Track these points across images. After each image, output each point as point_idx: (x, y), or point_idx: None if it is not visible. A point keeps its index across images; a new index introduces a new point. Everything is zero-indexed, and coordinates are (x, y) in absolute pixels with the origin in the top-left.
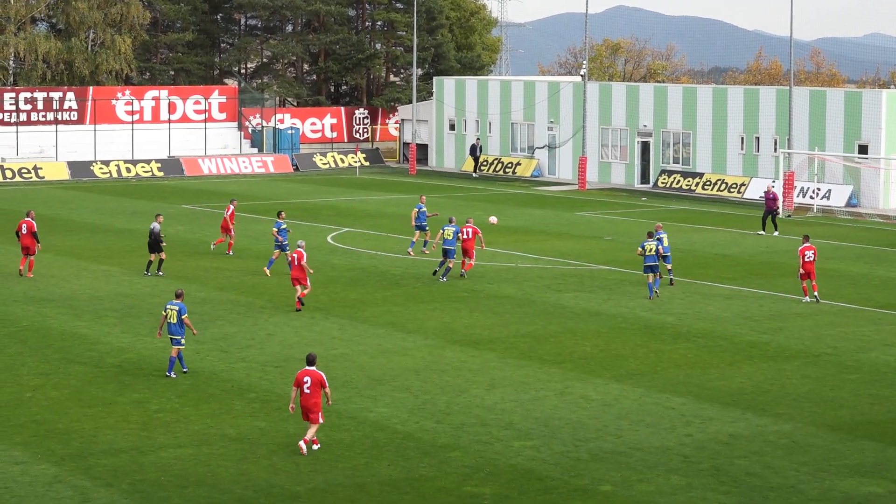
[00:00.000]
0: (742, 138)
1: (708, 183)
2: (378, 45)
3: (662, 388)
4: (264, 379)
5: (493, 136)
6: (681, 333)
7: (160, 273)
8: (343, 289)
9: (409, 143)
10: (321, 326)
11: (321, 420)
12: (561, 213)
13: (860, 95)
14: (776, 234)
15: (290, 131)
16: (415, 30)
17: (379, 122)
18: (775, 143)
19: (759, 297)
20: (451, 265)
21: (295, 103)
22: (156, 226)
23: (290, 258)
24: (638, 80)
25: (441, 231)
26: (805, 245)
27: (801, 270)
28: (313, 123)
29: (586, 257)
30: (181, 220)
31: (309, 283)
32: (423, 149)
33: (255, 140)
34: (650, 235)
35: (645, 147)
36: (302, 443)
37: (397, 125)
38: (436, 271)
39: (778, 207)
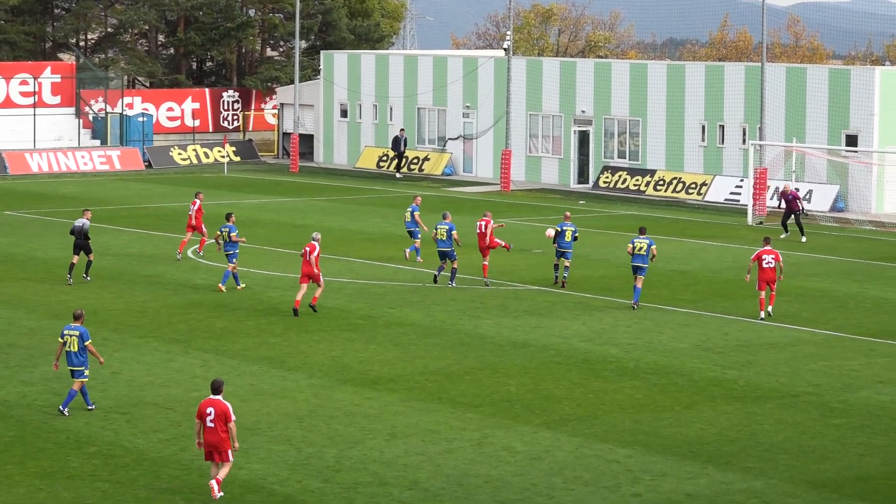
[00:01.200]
0: (703, 127)
1: (661, 182)
2: (251, 12)
3: (604, 437)
4: (108, 429)
5: (394, 124)
6: (627, 369)
7: (87, 278)
8: (207, 315)
9: (290, 134)
10: (180, 362)
11: (231, 458)
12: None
13: (848, 74)
14: (803, 239)
15: (140, 119)
16: None
17: (252, 107)
18: (744, 133)
19: (723, 324)
20: (455, 266)
21: (147, 84)
22: (84, 223)
23: (301, 251)
24: (575, 55)
25: (434, 231)
26: (764, 248)
27: (758, 279)
28: (170, 109)
29: (510, 275)
30: (4, 231)
31: (323, 281)
32: (307, 140)
33: (98, 130)
34: (642, 232)
35: (583, 138)
36: (214, 483)
37: (275, 111)
38: (436, 276)
39: (802, 207)
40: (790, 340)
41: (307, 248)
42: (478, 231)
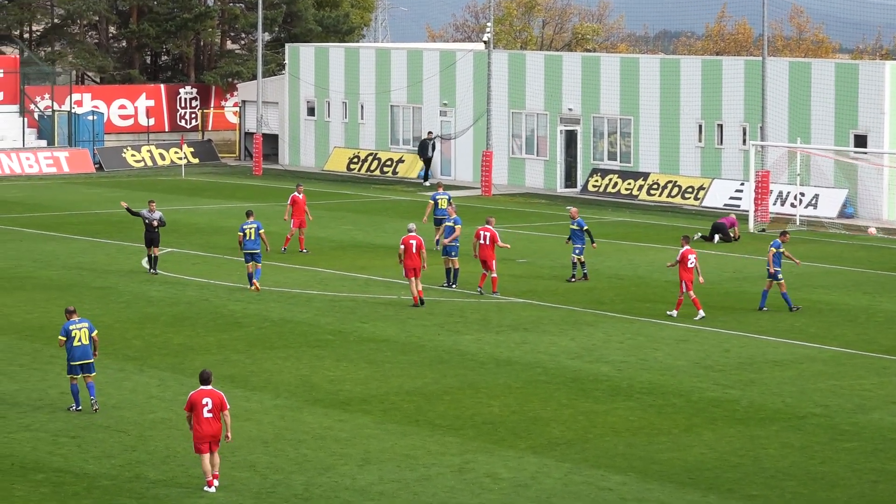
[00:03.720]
0: (700, 127)
1: (655, 186)
2: (210, 1)
3: (596, 463)
4: (56, 454)
5: (365, 123)
6: (620, 388)
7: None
8: (164, 330)
9: (252, 134)
10: (134, 381)
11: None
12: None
13: (856, 69)
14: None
15: (90, 118)
16: None
17: (212, 104)
18: (744, 133)
19: (723, 339)
20: (454, 266)
21: (97, 80)
22: (158, 214)
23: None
24: (561, 49)
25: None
26: (685, 248)
27: (682, 280)
28: (122, 107)
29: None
30: None
31: (426, 264)
32: (271, 141)
33: (44, 129)
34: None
35: (570, 138)
36: (214, 481)
37: (237, 109)
38: (444, 284)
39: (734, 235)
40: (796, 358)
41: (414, 242)
42: (479, 241)
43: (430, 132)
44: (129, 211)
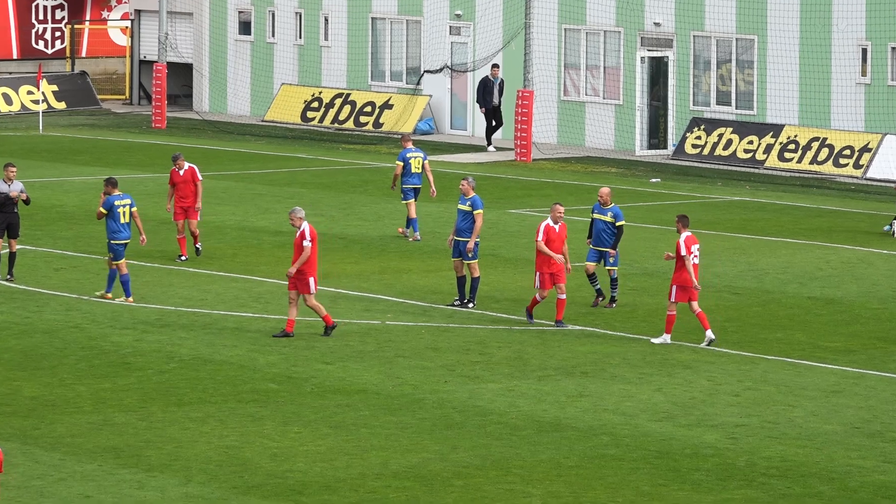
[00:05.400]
0: (864, 52)
1: (792, 146)
2: None
3: None
4: None
5: (331, 47)
6: (735, 469)
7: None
8: (8, 375)
9: (151, 63)
10: None
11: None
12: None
13: None
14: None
15: None
16: None
17: (87, 17)
18: None
19: None
20: (472, 273)
21: None
22: (20, 185)
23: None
24: None
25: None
26: (687, 235)
27: (675, 285)
28: None
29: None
30: None
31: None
32: (182, 73)
33: None
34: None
35: (657, 71)
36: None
37: (126, 23)
38: (456, 302)
39: None
40: None
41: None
42: (541, 238)
43: (494, 66)
44: None
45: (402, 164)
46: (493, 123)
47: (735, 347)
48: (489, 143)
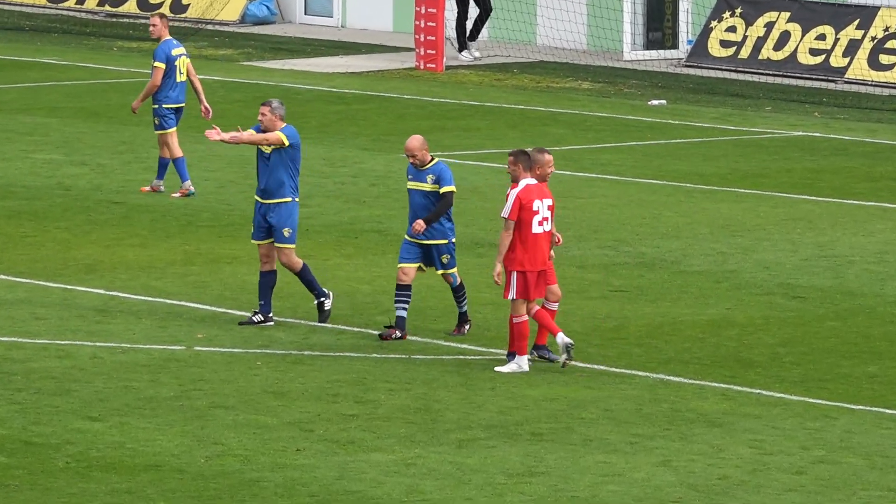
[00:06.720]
0: None
1: (892, 42)
2: None
3: None
4: None
5: None
6: None
7: None
8: None
9: None
10: None
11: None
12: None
13: None
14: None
15: None
16: None
17: None
18: None
19: None
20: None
21: None
22: None
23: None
24: None
25: None
26: (528, 183)
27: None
28: None
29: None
30: None
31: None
32: None
33: None
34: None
35: None
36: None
37: None
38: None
39: None
40: None
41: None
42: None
43: None
44: None
45: (163, 65)
46: (477, 22)
47: (797, 390)
48: (463, 47)
